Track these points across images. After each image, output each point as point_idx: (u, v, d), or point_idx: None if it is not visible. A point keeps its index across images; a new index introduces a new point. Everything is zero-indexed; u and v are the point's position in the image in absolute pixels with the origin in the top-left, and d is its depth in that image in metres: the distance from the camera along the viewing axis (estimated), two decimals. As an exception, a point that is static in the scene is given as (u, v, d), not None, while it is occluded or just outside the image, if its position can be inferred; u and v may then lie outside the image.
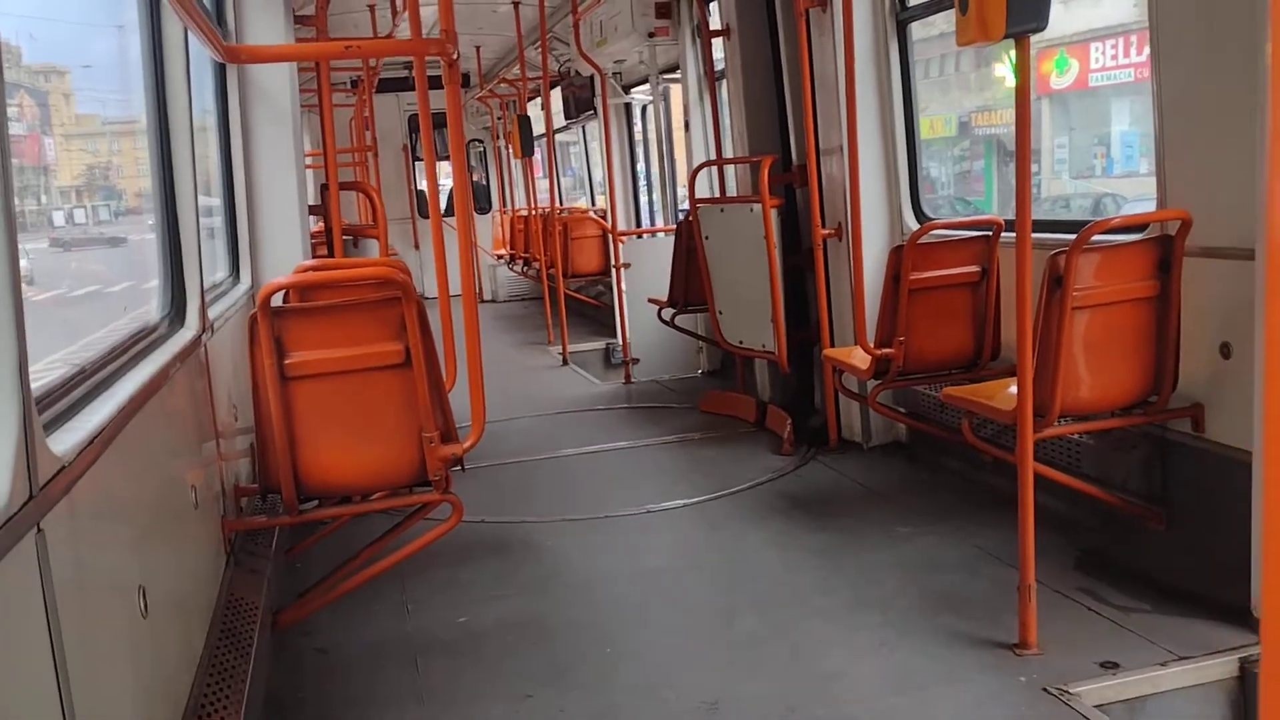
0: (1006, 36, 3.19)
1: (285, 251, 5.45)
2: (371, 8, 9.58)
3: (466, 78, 15.77)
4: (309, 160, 9.57)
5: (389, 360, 3.48)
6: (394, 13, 7.98)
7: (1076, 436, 4.63)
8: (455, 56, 3.56)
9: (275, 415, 3.44)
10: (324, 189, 5.98)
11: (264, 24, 5.29)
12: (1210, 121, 3.76)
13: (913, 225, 5.89)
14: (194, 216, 3.67)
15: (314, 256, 6.38)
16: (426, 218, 4.31)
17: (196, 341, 3.51)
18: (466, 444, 3.64)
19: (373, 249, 7.22)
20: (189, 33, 3.53)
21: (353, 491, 3.82)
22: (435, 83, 4.22)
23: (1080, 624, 3.82)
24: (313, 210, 6.48)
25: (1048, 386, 3.87)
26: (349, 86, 14.23)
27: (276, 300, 3.86)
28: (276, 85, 5.42)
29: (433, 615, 4.36)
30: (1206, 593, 3.83)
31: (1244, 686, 3.46)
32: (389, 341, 3.47)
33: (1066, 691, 3.34)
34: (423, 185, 14.98)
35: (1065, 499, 4.62)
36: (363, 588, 4.21)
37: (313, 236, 7.13)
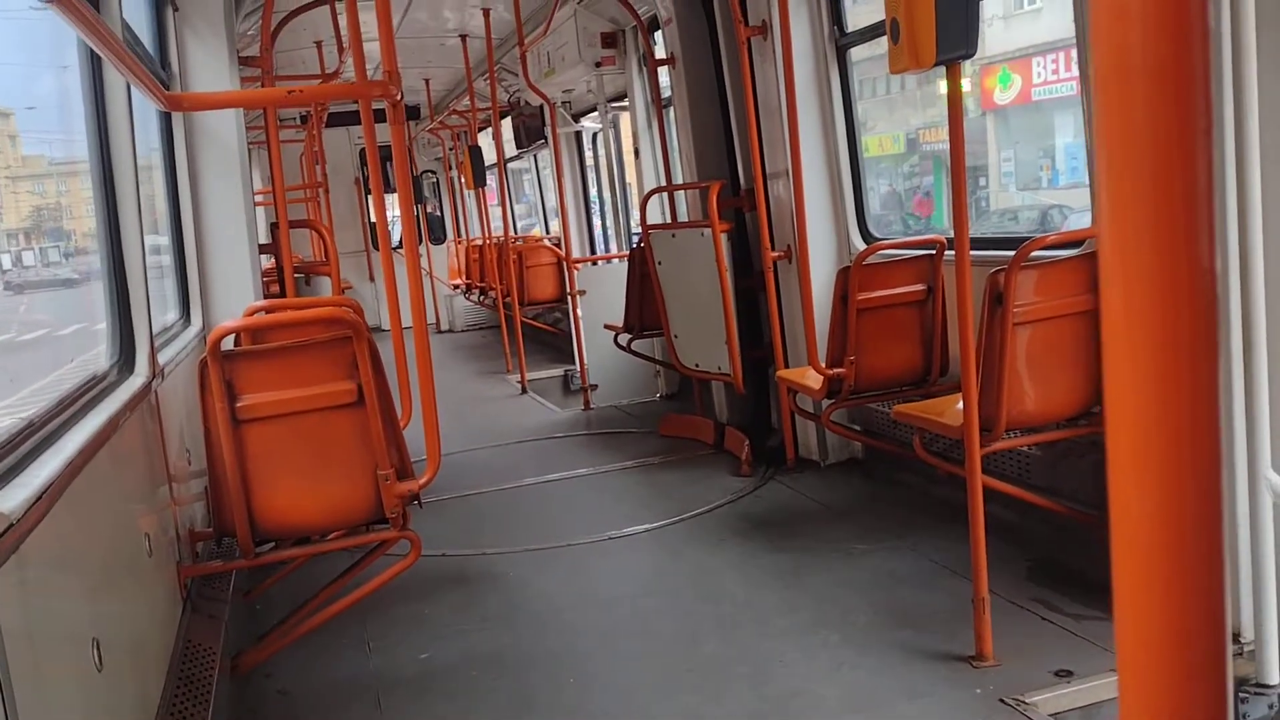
0: (937, 64, 3.27)
1: (236, 292, 5.43)
2: (318, 45, 9.59)
3: (416, 110, 15.80)
4: (260, 198, 9.55)
5: (341, 399, 3.48)
6: (340, 50, 7.99)
7: (1025, 448, 4.72)
8: (399, 97, 3.59)
9: (228, 459, 3.43)
10: (274, 227, 5.97)
11: (208, 67, 5.29)
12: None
13: (860, 245, 5.98)
14: (141, 261, 3.67)
15: (266, 295, 6.36)
16: (397, 250, 4.33)
17: (147, 388, 3.50)
18: (422, 480, 3.65)
19: (327, 285, 7.20)
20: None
21: (309, 532, 3.81)
22: (382, 117, 4.25)
23: (1035, 633, 3.89)
24: (264, 249, 6.46)
25: (993, 401, 3.96)
26: (299, 122, 14.21)
27: (228, 343, 3.87)
28: (223, 126, 5.42)
29: (395, 652, 4.35)
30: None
31: (1194, 688, 3.54)
32: (341, 381, 3.47)
33: (1023, 701, 3.40)
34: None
35: (1017, 510, 4.71)
36: (324, 627, 4.18)
37: (265, 275, 7.11)
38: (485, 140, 13.87)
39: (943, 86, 3.58)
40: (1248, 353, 3.27)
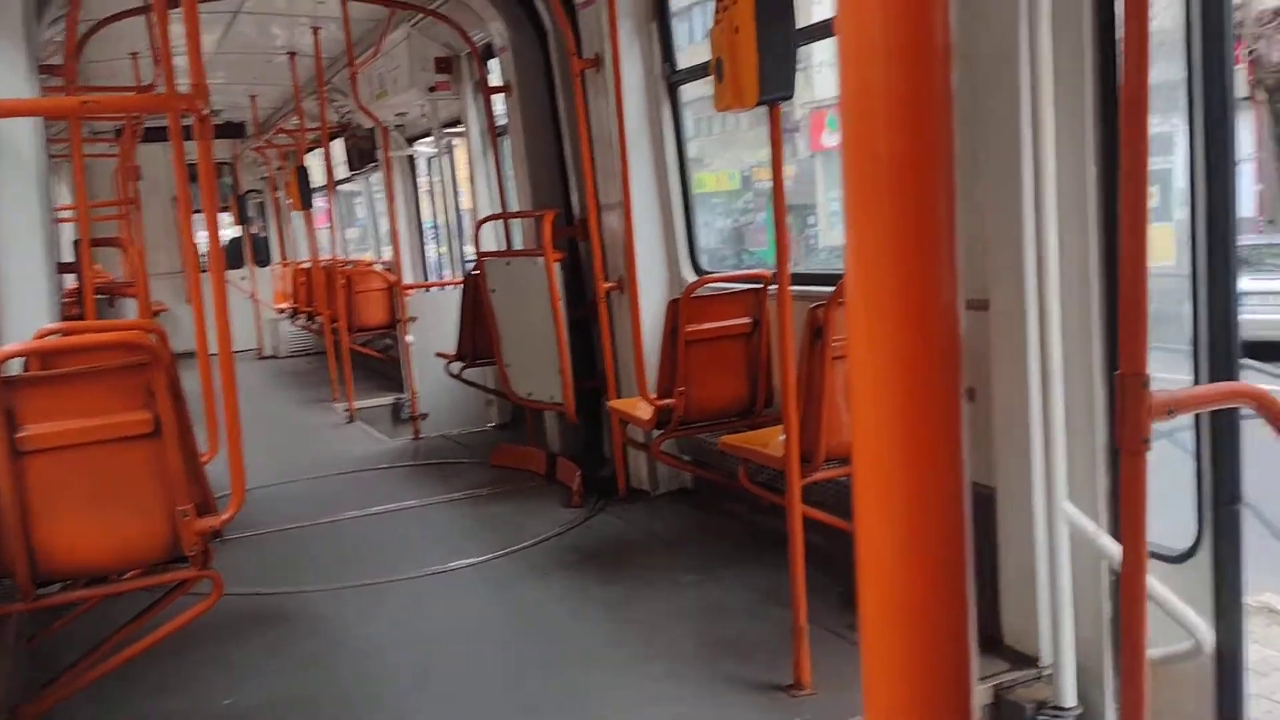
0: (759, 104, 3.35)
1: (29, 314, 5.03)
2: (134, 56, 9.12)
3: (241, 127, 15.24)
4: (66, 214, 8.98)
5: (136, 430, 3.25)
6: (155, 62, 7.61)
7: (845, 479, 4.84)
8: (206, 112, 3.42)
9: (5, 493, 3.15)
10: (78, 245, 5.59)
11: (2, 74, 4.92)
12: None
13: (690, 278, 6.06)
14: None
15: (66, 318, 5.94)
16: (204, 271, 4.10)
17: (-86, 416, 3.19)
18: (225, 515, 3.44)
19: (135, 308, 6.80)
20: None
21: (100, 572, 3.54)
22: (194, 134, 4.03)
23: (852, 661, 3.91)
24: (66, 268, 6.05)
25: (813, 433, 4.04)
26: (113, 136, 13.47)
27: (15, 368, 3.58)
28: (18, 136, 5.04)
29: (195, 697, 4.09)
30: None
31: (998, 713, 3.67)
32: (136, 410, 3.25)
33: (837, 729, 3.46)
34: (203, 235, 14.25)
35: (838, 540, 4.80)
36: (120, 672, 3.89)
37: (67, 296, 6.66)
38: (315, 161, 13.47)
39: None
40: (1045, 390, 3.45)
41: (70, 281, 7.06)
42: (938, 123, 0.49)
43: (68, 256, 6.72)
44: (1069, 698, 3.48)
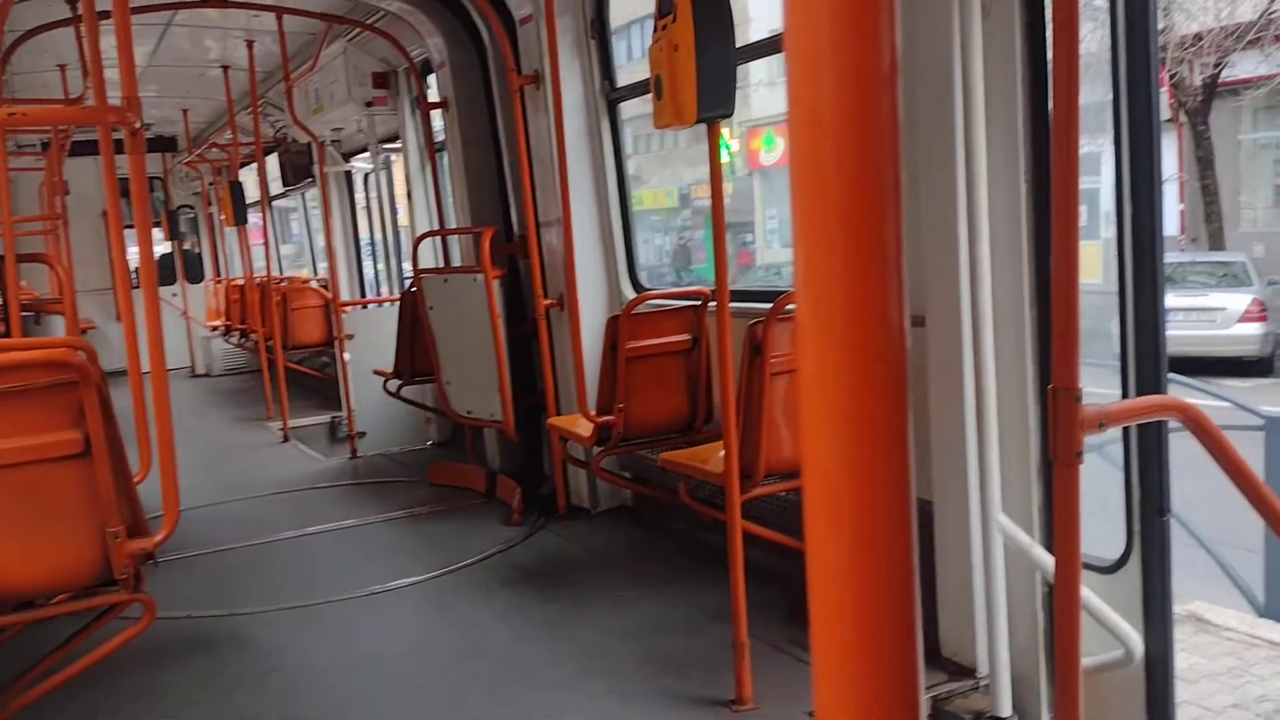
0: (699, 121, 3.38)
1: (-49, 331, 4.90)
2: (62, 69, 8.92)
3: (174, 141, 14.98)
4: (-11, 228, 8.72)
5: (65, 450, 3.17)
6: (84, 74, 7.45)
7: (784, 494, 4.88)
8: (138, 125, 3.35)
9: (-73, 517, 3.05)
10: (1, 261, 5.44)
11: (-78, 82, 4.80)
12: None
13: (630, 295, 6.08)
14: None
15: (-11, 335, 5.78)
16: (136, 287, 4.01)
17: None
18: (158, 537, 3.36)
19: (62, 325, 6.62)
20: None
21: (25, 597, 3.43)
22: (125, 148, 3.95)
23: (792, 675, 3.99)
24: (-11, 284, 5.88)
25: (753, 448, 4.07)
26: (39, 149, 13.15)
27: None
28: (-61, 149, 4.91)
29: (127, 726, 3.98)
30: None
31: (936, 723, 3.72)
32: (64, 430, 3.16)
33: (780, 743, 3.48)
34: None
35: (778, 555, 4.83)
36: (46, 702, 3.77)
37: (-11, 313, 6.47)
38: (249, 176, 13.27)
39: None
40: (979, 403, 3.51)
41: (-6, 298, 6.87)
42: (885, 144, 0.50)
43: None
44: (1005, 707, 3.53)
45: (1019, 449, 3.57)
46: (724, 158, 3.73)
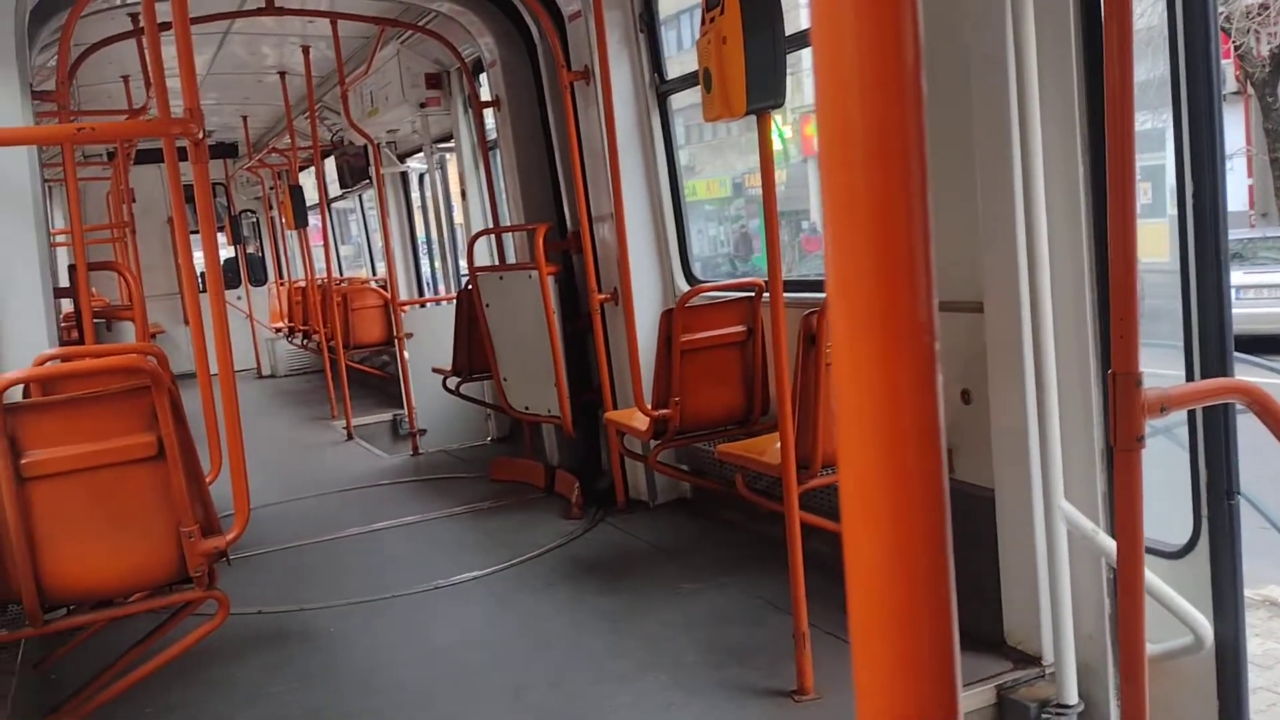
0: (748, 113, 3.37)
1: (28, 339, 5.05)
2: (125, 80, 9.15)
3: (234, 147, 15.26)
4: (61, 238, 9.00)
5: (140, 454, 3.27)
6: (147, 85, 7.64)
7: (843, 484, 4.86)
8: (201, 135, 3.44)
9: (11, 520, 3.17)
10: (73, 269, 5.61)
11: (-5, 99, 4.95)
12: (934, 186, 4.08)
13: (683, 288, 6.09)
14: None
15: (64, 342, 5.97)
16: (204, 291, 4.15)
17: (-83, 445, 3.20)
18: (229, 536, 3.46)
19: (132, 331, 6.81)
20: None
21: (107, 595, 3.55)
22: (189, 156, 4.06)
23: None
24: (63, 293, 6.06)
25: (809, 440, 4.07)
26: (105, 159, 13.49)
27: (15, 395, 3.60)
28: (12, 163, 5.06)
29: (202, 718, 4.09)
30: (964, 624, 4.06)
31: (1001, 713, 3.69)
32: (139, 434, 3.27)
33: (843, 733, 3.48)
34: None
35: (838, 545, 4.82)
36: (127, 696, 3.90)
37: (65, 320, 6.68)
38: (308, 179, 13.50)
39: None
40: (1040, 391, 3.47)
41: (67, 306, 7.08)
42: (911, 153, 0.51)
43: (63, 281, 6.72)
44: (1071, 695, 3.50)
45: (1081, 434, 3.52)
46: (776, 145, 3.73)
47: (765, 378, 5.28)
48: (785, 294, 3.65)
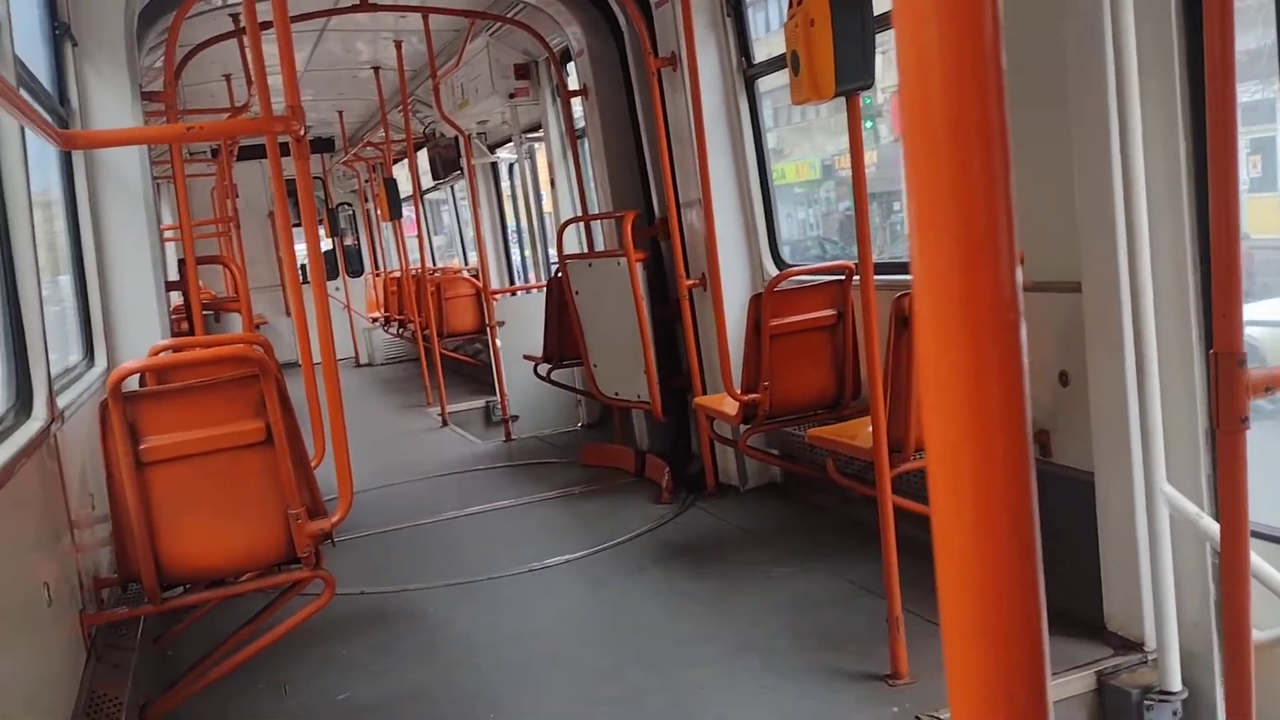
0: (837, 95, 3.36)
1: (142, 331, 5.29)
2: (227, 79, 9.45)
3: (331, 142, 15.64)
4: (169, 234, 9.35)
5: (249, 439, 3.42)
6: (249, 83, 7.89)
7: (937, 468, 4.81)
8: (302, 132, 3.56)
9: (132, 502, 3.34)
10: (183, 263, 5.85)
11: (109, 102, 5.18)
12: (1030, 163, 4.01)
13: (772, 272, 6.07)
14: (37, 302, 3.56)
15: (175, 334, 6.22)
16: (307, 284, 4.32)
17: (45, 432, 3.39)
18: (334, 518, 3.59)
19: (238, 321, 7.06)
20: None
21: (219, 575, 3.71)
22: (289, 151, 4.20)
23: (949, 650, 3.95)
24: (173, 286, 6.32)
25: (901, 423, 4.04)
26: (209, 156, 13.97)
27: (133, 384, 3.78)
28: (125, 162, 5.30)
29: (312, 694, 4.26)
30: (1063, 609, 3.99)
31: (1102, 698, 3.63)
32: (248, 420, 3.41)
33: (937, 717, 3.46)
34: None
35: (931, 528, 4.79)
36: (238, 672, 4.08)
37: (175, 313, 6.96)
38: (401, 172, 13.78)
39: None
40: (1140, 372, 3.39)
41: (176, 299, 7.38)
42: (993, 136, 0.52)
43: (173, 275, 7.01)
44: (1175, 682, 3.42)
45: (1184, 416, 3.44)
46: (866, 126, 3.70)
47: (856, 361, 5.24)
48: (876, 276, 3.63)
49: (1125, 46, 3.28)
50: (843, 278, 5.21)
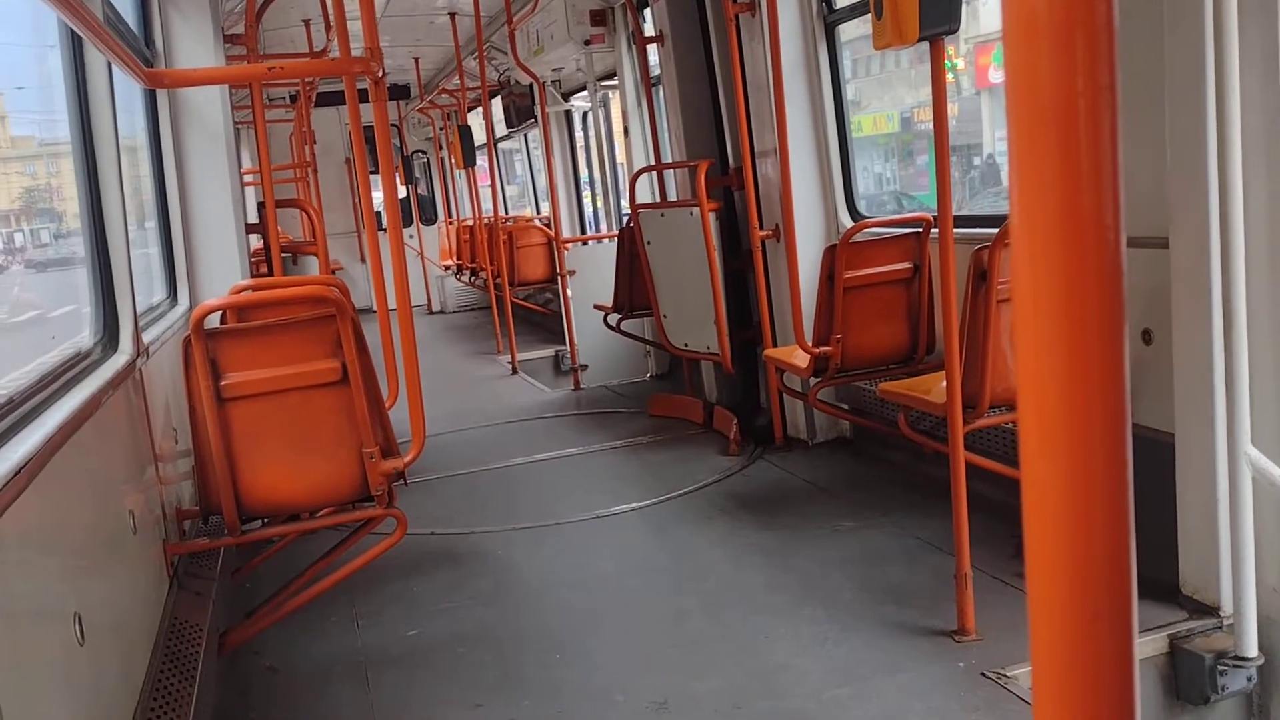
0: (921, 40, 3.27)
1: (223, 271, 5.42)
2: (306, 24, 9.53)
3: (406, 89, 15.73)
4: (249, 178, 9.52)
5: (326, 378, 3.49)
6: (327, 28, 7.95)
7: (1010, 425, 4.74)
8: (381, 74, 3.58)
9: (213, 437, 3.44)
10: (262, 207, 5.96)
11: (193, 45, 5.26)
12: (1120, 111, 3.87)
13: (848, 224, 5.99)
14: (124, 239, 3.66)
15: (254, 275, 6.35)
16: (383, 230, 4.39)
17: (131, 366, 3.50)
18: (407, 458, 3.66)
19: (315, 265, 7.19)
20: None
21: (295, 509, 3.82)
22: (367, 97, 4.23)
23: (1017, 608, 3.91)
24: (252, 229, 6.45)
25: (976, 378, 3.97)
26: (288, 101, 14.14)
27: (214, 321, 3.87)
28: (208, 105, 5.40)
29: (383, 629, 4.37)
30: (1138, 571, 3.92)
31: (1174, 662, 3.57)
32: (325, 359, 3.48)
33: (1003, 674, 3.43)
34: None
35: (1003, 487, 4.72)
36: (312, 604, 4.21)
37: (254, 255, 7.10)
38: (475, 120, 13.82)
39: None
40: (1227, 331, 3.29)
41: (255, 242, 7.53)
42: (1100, 45, 0.50)
43: (252, 218, 7.14)
44: (1251, 648, 3.35)
45: (1271, 377, 3.33)
46: (948, 76, 3.61)
47: (931, 315, 5.16)
48: (955, 229, 3.55)
49: (1226, -9, 3.15)
50: (920, 230, 5.12)
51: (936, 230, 3.59)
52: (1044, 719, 0.69)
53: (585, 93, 10.86)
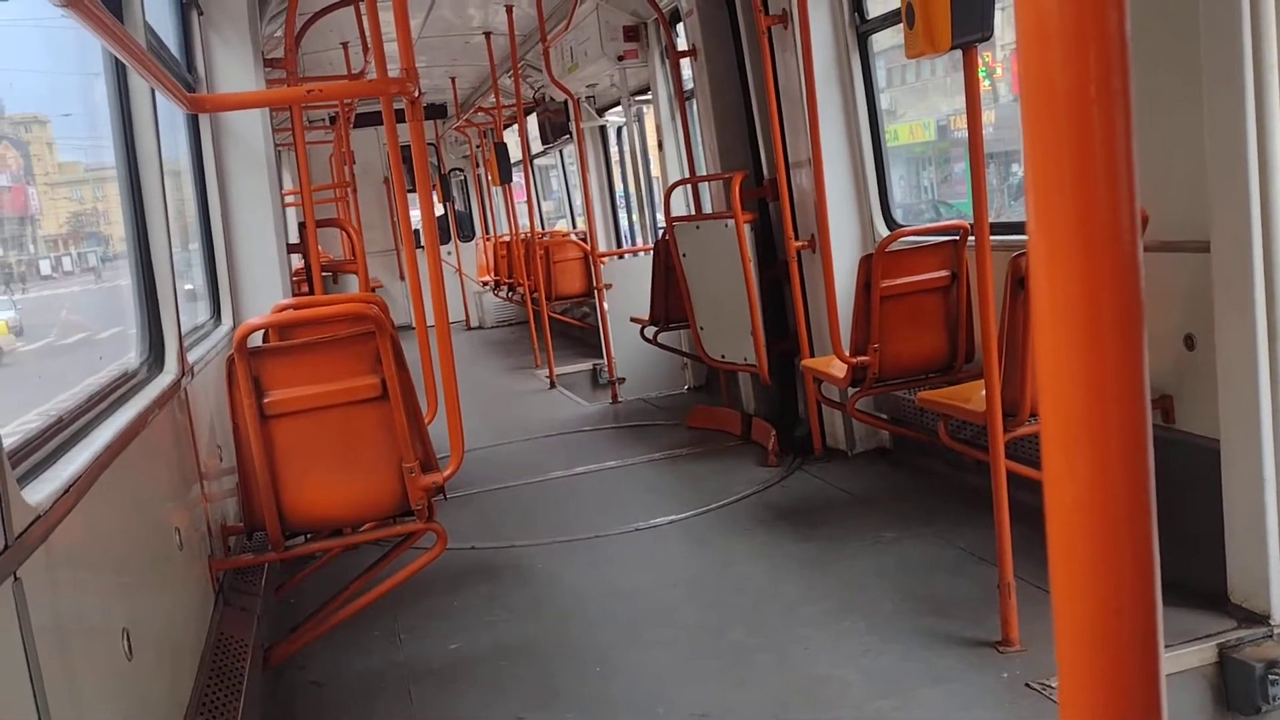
0: (954, 48, 3.27)
1: (266, 291, 5.51)
2: (344, 46, 9.67)
3: (443, 108, 15.88)
4: (290, 198, 9.66)
5: (366, 394, 3.53)
6: (365, 50, 8.06)
7: (1052, 434, 4.68)
8: (417, 94, 3.63)
9: (256, 454, 3.49)
10: (303, 227, 6.04)
11: (233, 69, 5.37)
12: (1157, 117, 3.84)
13: (884, 233, 5.97)
14: (168, 261, 3.73)
15: (296, 294, 6.44)
16: (421, 248, 4.46)
17: (176, 385, 3.56)
18: (446, 473, 3.69)
19: (355, 284, 7.27)
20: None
21: (337, 525, 3.86)
22: (404, 117, 4.29)
23: (1062, 618, 3.86)
24: (293, 248, 6.54)
25: (1016, 386, 3.94)
26: (327, 123, 14.33)
27: (256, 340, 3.93)
28: (249, 128, 5.49)
29: (425, 643, 4.40)
30: (1183, 580, 3.86)
31: (1223, 672, 3.51)
32: (365, 376, 3.52)
33: (1048, 685, 3.39)
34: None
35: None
36: (355, 619, 4.24)
37: (295, 275, 7.20)
38: (511, 137, 13.92)
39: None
40: (1271, 335, 3.24)
41: (297, 261, 7.63)
42: (1112, 50, 0.50)
43: (293, 238, 7.25)
44: (1303, 658, 3.29)
45: (1320, 382, 3.27)
46: (983, 84, 3.60)
47: (970, 323, 5.13)
48: (992, 236, 3.54)
49: (1264, -9, 3.11)
50: (957, 238, 5.09)
51: (974, 237, 3.58)
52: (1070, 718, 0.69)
53: (619, 108, 10.92)
